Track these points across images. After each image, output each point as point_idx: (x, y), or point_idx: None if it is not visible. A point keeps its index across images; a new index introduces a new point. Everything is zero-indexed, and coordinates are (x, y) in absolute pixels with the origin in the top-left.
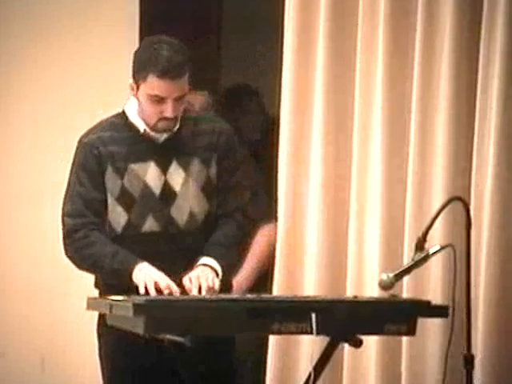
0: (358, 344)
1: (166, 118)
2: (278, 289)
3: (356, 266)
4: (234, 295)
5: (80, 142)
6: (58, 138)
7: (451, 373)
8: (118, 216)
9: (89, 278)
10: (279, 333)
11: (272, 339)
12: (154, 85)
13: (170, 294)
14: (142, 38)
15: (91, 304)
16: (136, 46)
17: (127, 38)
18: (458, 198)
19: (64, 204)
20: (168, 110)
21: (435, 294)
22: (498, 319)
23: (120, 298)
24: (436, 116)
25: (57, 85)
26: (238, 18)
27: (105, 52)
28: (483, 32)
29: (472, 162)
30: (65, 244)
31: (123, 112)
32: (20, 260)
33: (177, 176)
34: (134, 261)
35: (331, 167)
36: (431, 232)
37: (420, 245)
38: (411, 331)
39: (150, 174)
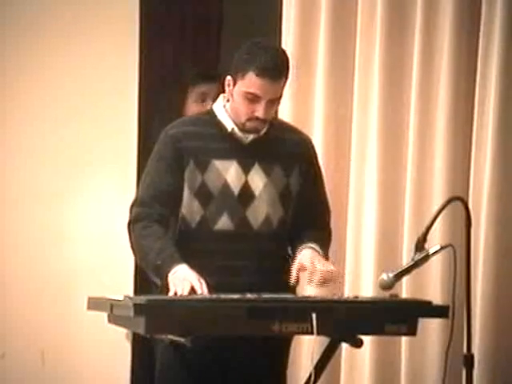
0: (358, 344)
1: (256, 118)
2: None
3: (354, 267)
4: (234, 295)
5: (165, 133)
6: (58, 138)
7: (451, 373)
8: (193, 211)
9: (89, 278)
10: (279, 333)
11: None
12: (251, 82)
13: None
14: (141, 38)
15: (92, 304)
16: (136, 46)
17: (127, 39)
18: (458, 198)
19: (136, 192)
20: (260, 111)
21: (435, 294)
22: (497, 319)
23: (120, 297)
24: (435, 116)
25: (57, 84)
26: (238, 18)
27: (105, 52)
28: (482, 33)
29: (470, 162)
30: (128, 233)
31: (212, 110)
32: (20, 260)
33: (258, 179)
34: (176, 261)
35: (330, 168)
36: (431, 232)
37: (420, 245)
38: (411, 331)
39: (231, 173)
